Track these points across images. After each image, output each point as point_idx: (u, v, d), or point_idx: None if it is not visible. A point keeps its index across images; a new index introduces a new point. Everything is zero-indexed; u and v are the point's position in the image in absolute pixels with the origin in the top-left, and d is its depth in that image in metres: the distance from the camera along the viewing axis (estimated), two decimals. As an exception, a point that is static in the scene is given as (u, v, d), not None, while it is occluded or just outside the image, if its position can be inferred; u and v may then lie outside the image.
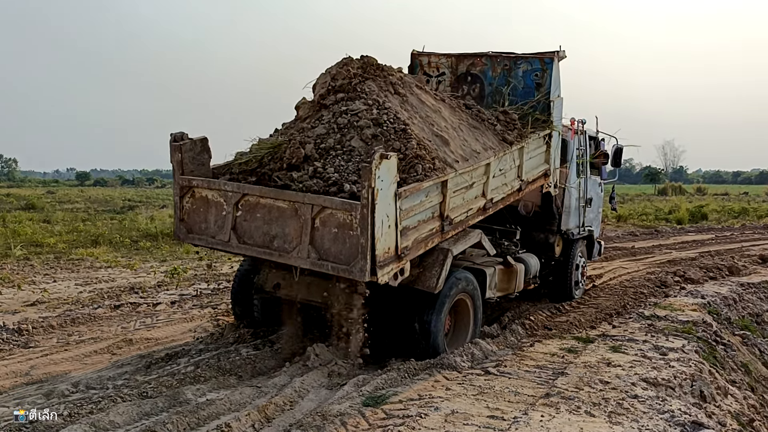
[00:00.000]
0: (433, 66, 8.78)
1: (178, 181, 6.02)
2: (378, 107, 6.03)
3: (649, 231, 21.50)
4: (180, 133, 6.02)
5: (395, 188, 5.11)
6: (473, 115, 7.37)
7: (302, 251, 5.21)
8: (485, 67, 8.46)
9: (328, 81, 6.35)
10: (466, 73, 8.59)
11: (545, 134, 7.93)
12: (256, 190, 5.58)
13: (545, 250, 9.08)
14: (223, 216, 5.73)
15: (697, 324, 8.08)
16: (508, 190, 7.28)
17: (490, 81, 8.42)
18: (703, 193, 55.33)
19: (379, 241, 5.01)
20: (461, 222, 6.37)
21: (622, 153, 10.40)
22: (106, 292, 9.64)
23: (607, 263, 13.43)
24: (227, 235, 5.68)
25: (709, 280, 11.79)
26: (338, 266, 5.06)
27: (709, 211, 29.51)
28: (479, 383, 5.52)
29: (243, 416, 4.57)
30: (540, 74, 8.12)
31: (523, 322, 7.88)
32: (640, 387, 5.63)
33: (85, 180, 79.77)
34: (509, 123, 7.56)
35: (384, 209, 5.00)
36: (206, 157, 6.19)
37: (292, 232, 5.32)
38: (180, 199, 6.03)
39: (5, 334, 6.94)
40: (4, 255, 13.07)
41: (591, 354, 6.63)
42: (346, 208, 5.02)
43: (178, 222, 6.11)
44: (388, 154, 4.96)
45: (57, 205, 30.90)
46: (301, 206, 5.24)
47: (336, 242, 5.10)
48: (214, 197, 5.84)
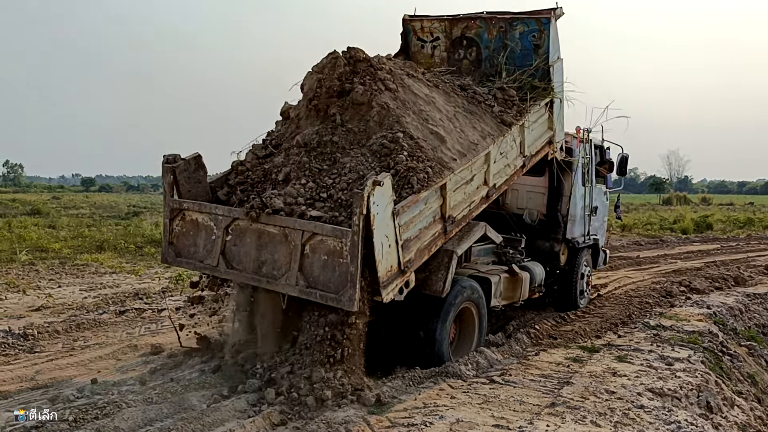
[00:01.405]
0: (427, 31, 8.43)
1: (168, 203, 5.93)
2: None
3: (654, 241, 21.44)
4: (173, 155, 5.95)
5: (392, 207, 5.00)
6: (469, 98, 7.12)
7: (291, 278, 5.06)
8: (480, 30, 8.14)
9: (314, 83, 6.20)
10: (461, 36, 8.29)
11: (546, 102, 7.68)
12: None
13: (550, 258, 9.06)
14: (212, 240, 5.62)
15: (703, 334, 8.04)
16: (511, 171, 7.11)
17: (486, 44, 8.11)
18: (708, 203, 55.15)
19: (381, 263, 4.93)
20: (465, 217, 6.26)
21: (628, 162, 10.40)
22: (111, 298, 9.65)
23: (612, 273, 13.39)
24: (216, 260, 5.55)
25: (714, 290, 11.75)
26: (327, 295, 4.91)
27: (714, 221, 29.41)
28: (484, 392, 5.50)
29: (248, 423, 4.56)
30: (537, 35, 7.78)
31: (528, 331, 7.86)
32: (646, 397, 5.60)
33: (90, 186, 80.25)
34: (507, 101, 7.31)
35: (382, 231, 4.91)
36: (202, 174, 6.15)
37: (281, 258, 5.18)
38: (170, 221, 5.93)
39: (11, 338, 6.96)
40: (10, 260, 13.10)
41: (596, 363, 6.60)
42: (336, 235, 4.87)
43: (166, 245, 5.99)
44: (380, 181, 4.80)
45: (62, 211, 30.97)
46: (291, 232, 5.10)
47: (325, 270, 4.95)
48: (204, 221, 5.73)
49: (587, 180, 9.55)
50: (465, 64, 8.19)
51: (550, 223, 9.07)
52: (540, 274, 8.45)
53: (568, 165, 8.96)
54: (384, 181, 4.85)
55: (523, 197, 9.29)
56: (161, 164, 5.96)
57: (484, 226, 6.92)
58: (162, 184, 6.04)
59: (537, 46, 7.83)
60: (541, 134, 7.77)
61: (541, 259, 8.81)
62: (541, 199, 9.18)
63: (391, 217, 5.00)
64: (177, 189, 5.98)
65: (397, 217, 5.06)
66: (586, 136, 9.33)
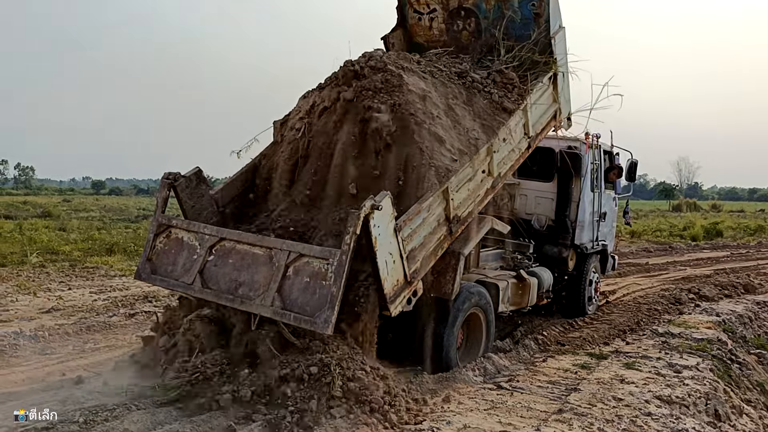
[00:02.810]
0: (423, 3, 8.17)
1: (157, 218, 5.86)
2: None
3: (663, 247, 21.33)
4: (175, 173, 5.96)
5: (393, 225, 4.94)
6: (466, 86, 6.92)
7: (266, 299, 4.92)
8: (478, 0, 7.92)
9: (308, 105, 6.34)
10: (458, 7, 8.03)
11: (549, 77, 7.47)
12: (234, 235, 5.44)
13: (558, 264, 9.05)
14: (193, 259, 5.53)
15: (712, 342, 8.01)
16: (516, 156, 6.97)
17: (484, 14, 7.85)
18: (719, 210, 54.73)
19: (387, 281, 4.89)
20: (470, 213, 6.16)
21: (637, 167, 10.37)
22: (120, 301, 9.70)
23: (620, 279, 13.34)
24: (192, 278, 5.42)
25: (724, 297, 11.69)
26: (301, 317, 4.74)
27: (725, 228, 29.17)
28: (491, 398, 5.51)
29: (256, 428, 4.57)
30: (537, 3, 7.51)
31: (535, 337, 7.85)
32: (654, 404, 5.60)
33: (100, 189, 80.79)
34: (507, 84, 7.09)
35: (386, 249, 4.87)
36: (204, 188, 6.18)
37: (261, 279, 5.08)
38: (154, 237, 5.83)
39: (22, 340, 7.01)
40: (21, 262, 13.20)
41: (604, 370, 6.59)
42: (324, 256, 4.77)
43: (144, 260, 5.84)
44: (379, 204, 4.71)
45: (72, 214, 31.20)
46: (277, 252, 5.03)
47: (305, 292, 4.83)
48: (189, 239, 5.65)
49: (596, 186, 9.53)
50: (464, 35, 7.99)
51: (558, 228, 9.06)
52: (548, 279, 8.45)
53: (576, 170, 8.96)
54: (383, 204, 4.76)
55: (531, 203, 9.30)
56: (160, 179, 5.98)
57: (491, 219, 6.85)
58: (156, 198, 5.97)
59: (537, 15, 7.56)
60: (545, 110, 7.54)
61: (549, 264, 8.81)
62: (549, 205, 9.17)
63: (393, 234, 4.95)
64: (180, 205, 6.02)
65: (399, 232, 5.01)
66: (595, 142, 9.32)
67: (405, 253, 5.12)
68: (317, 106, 6.34)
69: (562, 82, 7.77)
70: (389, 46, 8.18)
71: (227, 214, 6.40)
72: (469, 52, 7.76)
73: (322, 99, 6.32)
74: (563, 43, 7.71)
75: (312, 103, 6.41)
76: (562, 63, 7.67)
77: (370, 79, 6.14)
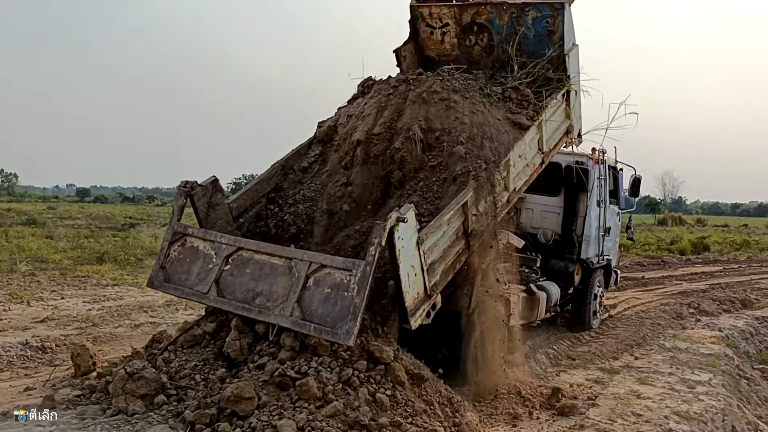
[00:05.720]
0: (435, 17, 8.05)
1: (173, 226, 5.76)
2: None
3: (656, 261, 21.47)
4: (192, 182, 5.89)
5: (416, 237, 4.91)
6: (489, 103, 6.85)
7: (285, 309, 4.83)
8: (491, 15, 7.77)
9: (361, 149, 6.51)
10: (471, 22, 7.92)
11: (562, 93, 7.46)
12: (252, 245, 5.37)
13: (564, 278, 9.00)
14: (208, 269, 5.42)
15: (720, 357, 8.00)
16: (530, 171, 6.98)
17: (497, 30, 7.78)
18: (704, 224, 55.34)
19: (408, 293, 4.86)
20: (487, 227, 6.11)
21: (640, 183, 10.39)
22: (116, 311, 9.51)
23: (619, 293, 13.34)
24: (207, 287, 5.33)
25: (723, 312, 11.76)
26: (322, 328, 4.64)
27: (711, 243, 29.45)
28: (511, 412, 5.41)
29: None
30: (551, 21, 7.45)
31: (546, 352, 7.78)
32: (673, 420, 5.55)
33: (85, 196, 79.72)
34: (522, 100, 7.09)
35: (408, 262, 4.84)
36: (220, 197, 6.10)
37: (279, 290, 4.98)
38: (169, 245, 5.72)
39: (29, 351, 6.85)
40: (10, 270, 12.92)
41: (618, 385, 6.54)
42: (347, 267, 4.70)
43: (157, 268, 5.73)
44: (404, 217, 4.69)
45: (58, 221, 30.73)
46: (297, 263, 4.95)
47: (326, 303, 4.73)
48: (205, 248, 5.55)
49: (602, 200, 9.52)
50: (476, 50, 7.94)
51: (564, 243, 9.03)
52: (556, 293, 8.41)
53: (583, 185, 8.93)
54: (407, 216, 4.73)
55: (537, 217, 9.26)
56: (177, 187, 5.88)
57: (506, 234, 6.84)
58: (173, 206, 5.87)
59: (551, 32, 7.53)
60: (558, 126, 7.55)
61: (555, 278, 8.77)
62: (555, 219, 9.14)
63: (416, 247, 4.92)
64: (196, 214, 5.93)
65: (421, 245, 4.98)
66: (602, 157, 9.32)
67: (426, 266, 5.06)
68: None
69: (575, 99, 7.78)
70: (401, 59, 8.17)
71: (242, 224, 6.37)
72: (481, 67, 7.73)
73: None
74: (576, 60, 7.68)
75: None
76: (575, 81, 7.67)
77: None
